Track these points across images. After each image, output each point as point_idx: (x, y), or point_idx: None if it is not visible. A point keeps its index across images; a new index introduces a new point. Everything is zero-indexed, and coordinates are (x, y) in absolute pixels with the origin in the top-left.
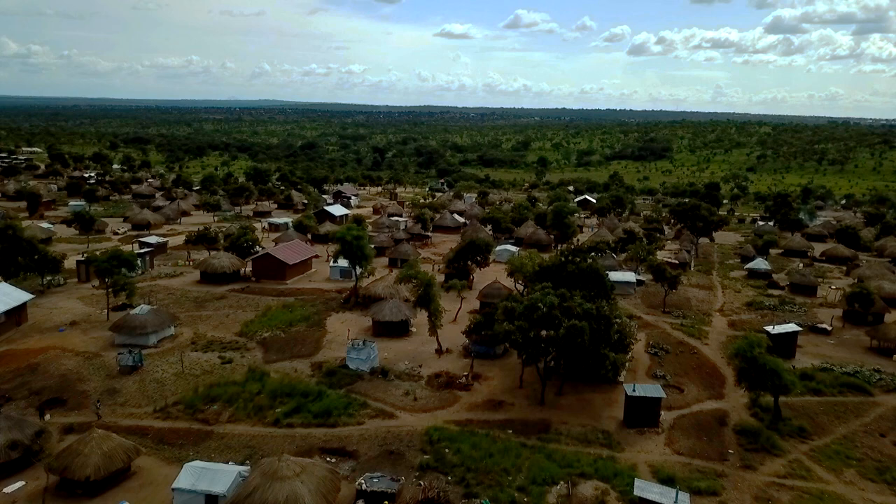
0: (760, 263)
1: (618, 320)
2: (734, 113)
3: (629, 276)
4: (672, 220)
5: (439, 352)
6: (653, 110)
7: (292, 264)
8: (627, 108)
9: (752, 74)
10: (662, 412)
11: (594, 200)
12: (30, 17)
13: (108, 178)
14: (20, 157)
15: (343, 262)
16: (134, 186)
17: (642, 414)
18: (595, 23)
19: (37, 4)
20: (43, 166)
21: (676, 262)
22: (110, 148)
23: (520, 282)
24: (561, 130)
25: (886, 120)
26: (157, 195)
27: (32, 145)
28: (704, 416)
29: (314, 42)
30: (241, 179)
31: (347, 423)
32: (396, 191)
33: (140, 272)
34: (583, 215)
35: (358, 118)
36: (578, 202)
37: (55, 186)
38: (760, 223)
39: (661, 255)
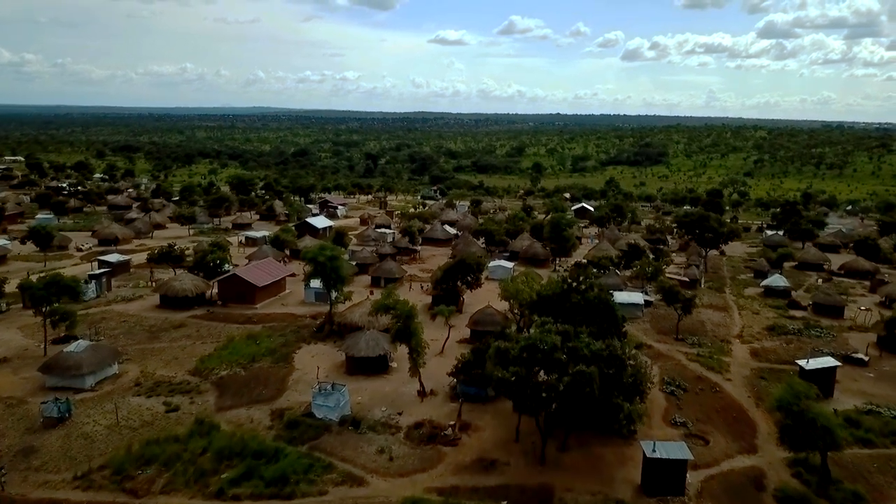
0: (778, 280)
1: (632, 362)
2: (727, 117)
3: (637, 298)
4: (675, 230)
5: (422, 394)
6: (647, 115)
7: (262, 286)
8: (621, 113)
9: (746, 79)
10: (687, 472)
11: (592, 209)
12: (23, 25)
13: (80, 188)
14: None
15: (318, 283)
16: (111, 197)
17: (664, 479)
18: (589, 28)
19: (31, 12)
20: (20, 175)
21: (686, 279)
22: (97, 156)
23: (515, 310)
24: (555, 136)
25: (879, 123)
26: (134, 206)
27: (17, 154)
28: (737, 478)
29: (309, 49)
30: (225, 189)
31: (307, 493)
32: (387, 199)
33: (95, 295)
34: (581, 224)
35: (352, 125)
36: (575, 210)
37: (27, 197)
38: (769, 232)
39: (669, 271)
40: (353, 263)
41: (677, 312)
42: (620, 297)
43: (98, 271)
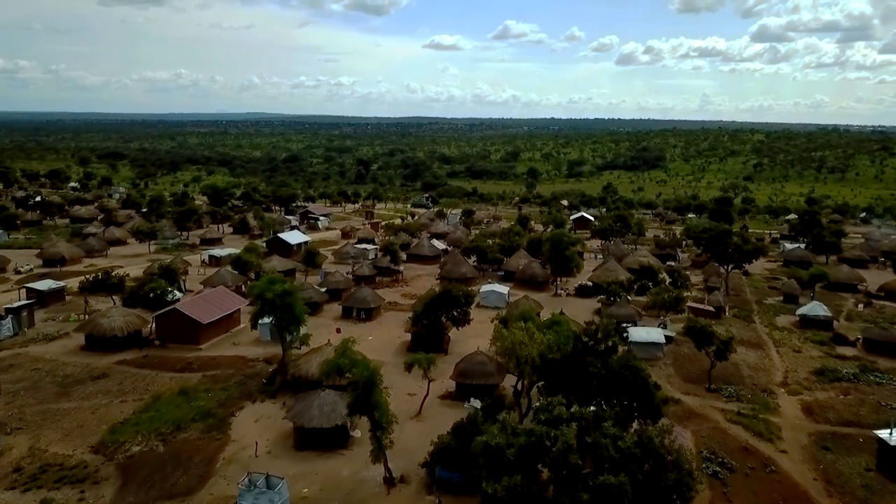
0: (817, 308)
1: (672, 457)
2: (721, 121)
3: (656, 335)
4: (685, 243)
5: (389, 482)
6: (641, 119)
7: (208, 323)
8: (616, 118)
9: (739, 82)
10: None
11: (592, 218)
12: (18, 32)
13: (37, 199)
14: None
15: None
16: (74, 208)
17: None
18: (583, 33)
19: (24, 19)
20: None
21: (711, 308)
22: (80, 163)
23: (512, 368)
24: (550, 140)
25: (874, 126)
26: (98, 219)
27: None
28: None
29: (304, 55)
30: (203, 199)
31: None
32: (375, 209)
33: (11, 333)
34: (582, 237)
35: (346, 130)
36: (574, 220)
37: None
38: (788, 245)
39: (687, 296)
40: (323, 290)
41: (710, 357)
42: (637, 333)
43: (17, 304)
